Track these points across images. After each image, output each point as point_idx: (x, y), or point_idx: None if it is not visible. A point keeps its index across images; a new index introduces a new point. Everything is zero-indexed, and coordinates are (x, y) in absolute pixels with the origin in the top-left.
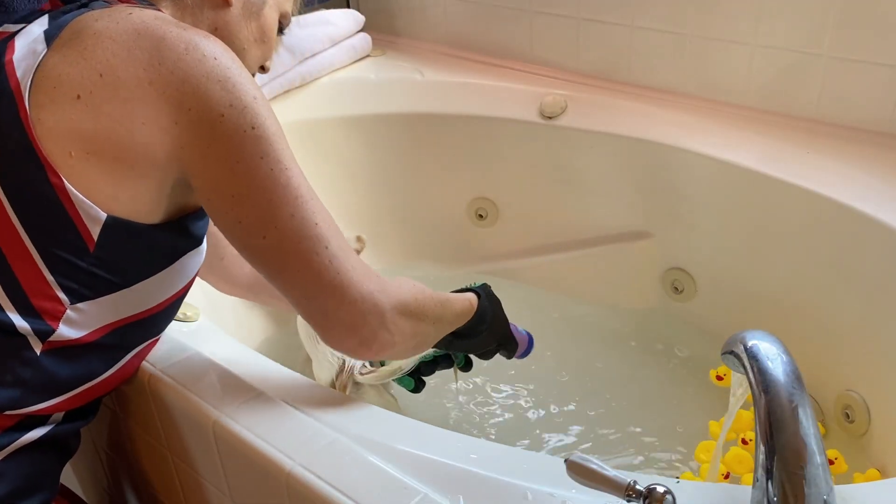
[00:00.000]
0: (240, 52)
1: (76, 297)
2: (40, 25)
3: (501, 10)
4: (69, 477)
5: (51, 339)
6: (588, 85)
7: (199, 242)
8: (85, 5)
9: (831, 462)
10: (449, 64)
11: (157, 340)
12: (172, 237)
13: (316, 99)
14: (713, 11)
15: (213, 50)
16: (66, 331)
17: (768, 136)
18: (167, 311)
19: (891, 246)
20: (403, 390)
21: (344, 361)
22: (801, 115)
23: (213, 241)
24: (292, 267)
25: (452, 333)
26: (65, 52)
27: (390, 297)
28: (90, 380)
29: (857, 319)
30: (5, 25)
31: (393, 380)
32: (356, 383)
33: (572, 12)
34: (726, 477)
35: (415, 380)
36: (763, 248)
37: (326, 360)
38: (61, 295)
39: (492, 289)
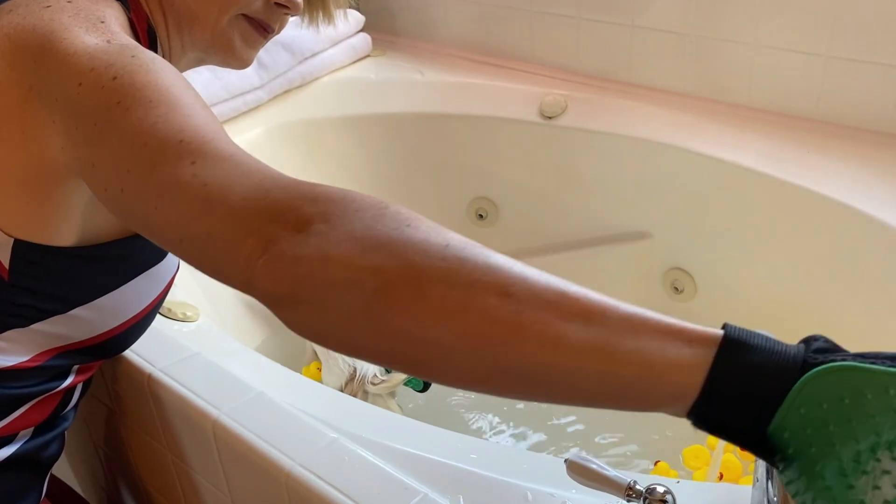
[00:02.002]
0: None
1: (2, 327)
2: None
3: (501, 10)
4: (67, 476)
5: None
6: (588, 85)
7: (144, 267)
8: None
9: None
10: (449, 64)
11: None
12: (108, 260)
13: (316, 99)
14: (713, 11)
15: None
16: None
17: (768, 136)
18: (122, 336)
19: (891, 246)
20: (410, 391)
21: (355, 370)
22: (801, 115)
23: None
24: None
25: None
26: None
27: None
28: (47, 392)
29: (857, 319)
30: None
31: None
32: (365, 392)
33: (572, 12)
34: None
35: (423, 381)
36: (763, 248)
37: (337, 366)
38: None
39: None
